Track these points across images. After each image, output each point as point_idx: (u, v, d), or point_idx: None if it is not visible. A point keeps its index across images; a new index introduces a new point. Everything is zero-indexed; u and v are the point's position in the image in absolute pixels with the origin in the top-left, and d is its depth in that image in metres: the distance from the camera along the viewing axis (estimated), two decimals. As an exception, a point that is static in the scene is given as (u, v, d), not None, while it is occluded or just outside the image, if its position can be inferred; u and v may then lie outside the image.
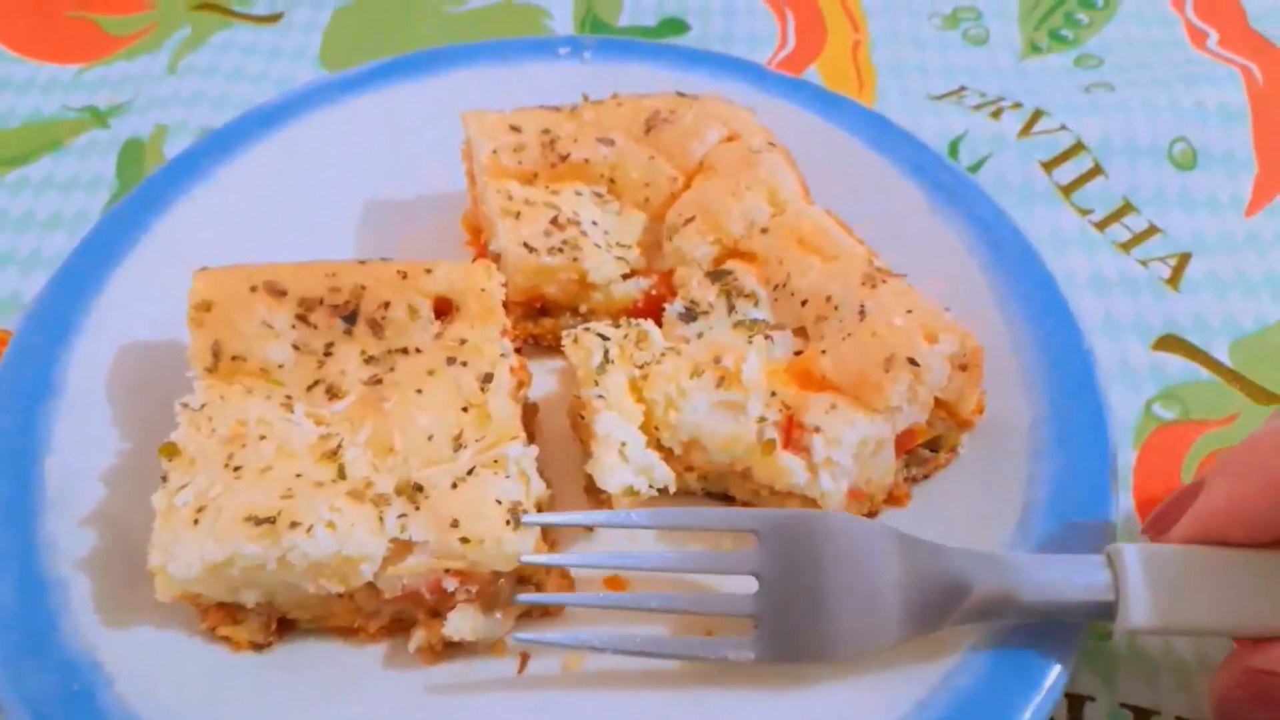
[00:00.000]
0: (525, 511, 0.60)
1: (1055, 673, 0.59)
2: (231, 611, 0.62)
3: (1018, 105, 1.02)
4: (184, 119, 1.01)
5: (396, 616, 0.63)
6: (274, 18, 1.13)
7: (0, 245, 0.92)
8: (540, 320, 0.79)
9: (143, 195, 0.83)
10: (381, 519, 0.59)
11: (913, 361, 0.65)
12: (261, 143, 0.88)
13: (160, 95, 1.03)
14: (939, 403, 0.67)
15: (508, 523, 0.59)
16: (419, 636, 0.62)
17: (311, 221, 0.85)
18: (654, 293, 0.77)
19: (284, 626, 0.64)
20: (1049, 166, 0.97)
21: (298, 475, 0.61)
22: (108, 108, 1.03)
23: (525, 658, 0.64)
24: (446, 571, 0.60)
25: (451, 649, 0.63)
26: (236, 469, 0.61)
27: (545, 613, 0.65)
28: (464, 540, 0.59)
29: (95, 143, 1.00)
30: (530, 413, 0.73)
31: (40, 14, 1.13)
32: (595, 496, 0.69)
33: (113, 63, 1.08)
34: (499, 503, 0.60)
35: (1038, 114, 1.01)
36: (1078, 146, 0.99)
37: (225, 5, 1.14)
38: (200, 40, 1.10)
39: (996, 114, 1.01)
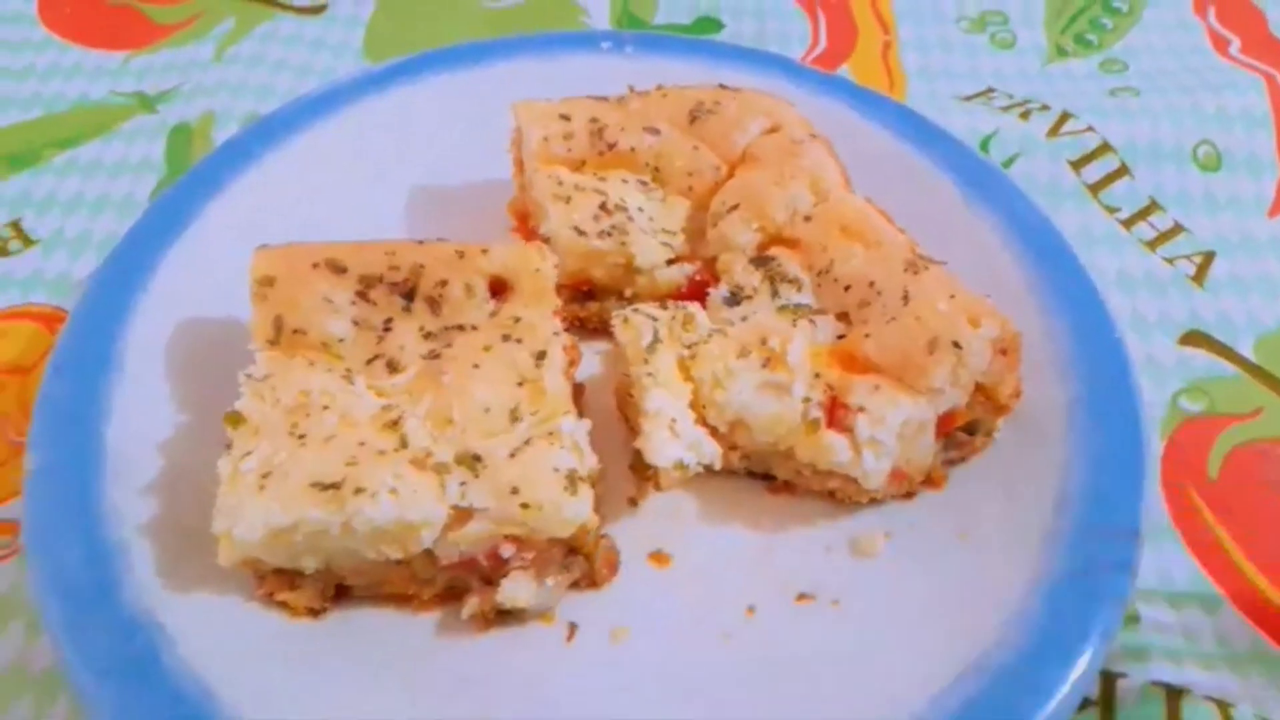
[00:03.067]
0: (581, 480, 0.62)
1: (1092, 648, 0.61)
2: (289, 578, 0.64)
3: (1045, 107, 1.05)
4: (230, 106, 1.03)
5: (450, 585, 0.65)
6: (318, 9, 1.16)
7: (50, 226, 0.93)
8: (586, 304, 0.81)
9: (196, 178, 0.85)
10: (443, 486, 0.61)
11: (956, 345, 0.67)
12: (311, 129, 0.90)
13: (207, 83, 1.06)
14: (978, 387, 0.69)
15: (565, 489, 0.61)
16: (472, 604, 0.64)
17: (359, 206, 0.87)
18: (697, 278, 0.79)
19: (339, 594, 0.66)
20: (1077, 166, 1.00)
21: (361, 444, 0.62)
22: (155, 94, 1.05)
23: (574, 627, 0.66)
24: (505, 538, 0.61)
25: (503, 617, 0.65)
26: (301, 437, 0.63)
27: (592, 583, 0.67)
28: (524, 506, 0.60)
29: (143, 128, 1.02)
30: (578, 393, 0.74)
31: (86, 1, 1.16)
32: (641, 474, 0.71)
33: (159, 51, 1.10)
34: (556, 470, 0.62)
35: (1065, 116, 1.03)
36: (1104, 147, 1.01)
37: (269, -3, 1.17)
38: (245, 31, 1.12)
39: (1025, 115, 1.04)
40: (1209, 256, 0.94)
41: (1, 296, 0.88)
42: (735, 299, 0.75)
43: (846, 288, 0.73)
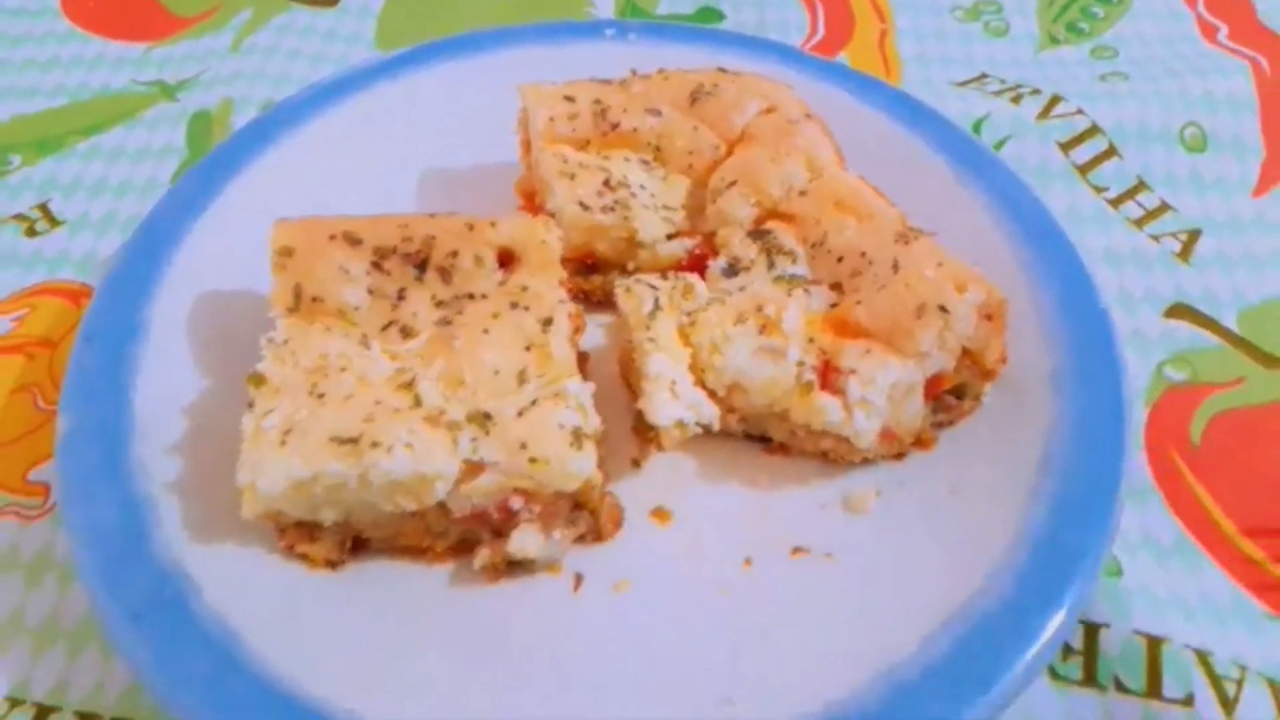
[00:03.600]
0: (586, 437, 0.66)
1: (1072, 596, 0.64)
2: (309, 530, 0.68)
3: (1036, 92, 1.08)
4: (248, 94, 1.07)
5: (462, 537, 0.69)
6: (331, 1, 1.19)
7: (76, 208, 0.97)
8: (590, 277, 0.84)
9: (217, 159, 0.88)
10: (455, 442, 0.65)
11: (943, 309, 0.70)
12: (326, 113, 0.94)
13: (225, 72, 1.09)
14: (965, 351, 0.72)
15: (571, 445, 0.64)
16: (484, 555, 0.67)
17: (372, 186, 0.90)
18: (697, 252, 0.83)
19: (357, 546, 0.69)
20: (1066, 148, 1.03)
21: (377, 402, 0.66)
22: (175, 82, 1.09)
23: (580, 578, 0.69)
24: (514, 491, 0.65)
25: (512, 568, 0.68)
26: (320, 396, 0.66)
27: (597, 537, 0.70)
28: (532, 460, 0.64)
29: (164, 115, 1.06)
30: (582, 361, 0.78)
31: (108, -6, 1.20)
32: (643, 435, 0.75)
33: (179, 41, 1.14)
34: (562, 427, 0.65)
35: (1055, 99, 1.06)
36: (1093, 129, 1.04)
37: (284, -11, 1.21)
38: (261, 22, 1.16)
39: (1016, 99, 1.07)
40: (1195, 234, 0.97)
41: (31, 274, 0.92)
42: (733, 270, 0.78)
43: (839, 259, 0.76)
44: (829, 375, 0.71)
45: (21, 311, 0.89)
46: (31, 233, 0.95)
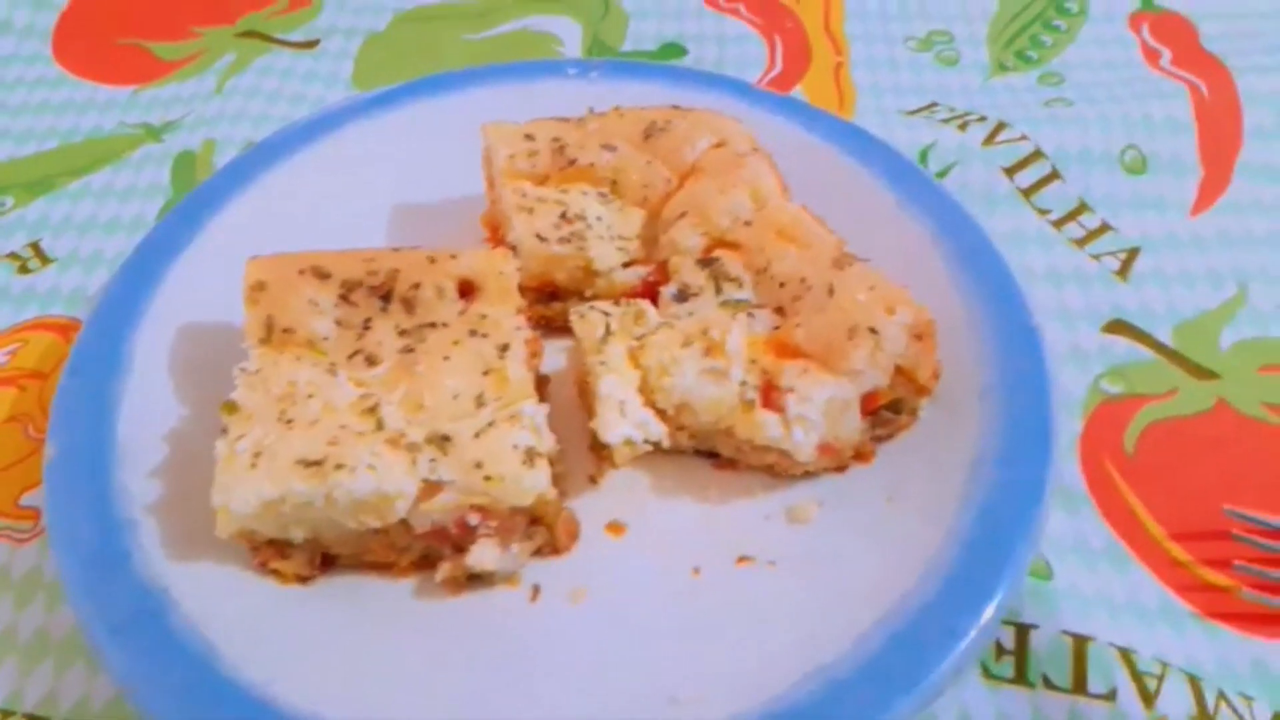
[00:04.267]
0: (539, 455, 0.70)
1: (999, 594, 0.68)
2: (280, 548, 0.72)
3: (983, 119, 1.13)
4: (230, 134, 1.12)
5: (424, 553, 0.73)
6: (310, 44, 1.25)
7: (66, 246, 1.02)
8: (551, 304, 0.89)
9: (197, 198, 0.93)
10: (414, 463, 0.69)
11: (873, 330, 0.74)
12: (301, 153, 0.98)
13: (208, 114, 1.15)
14: (899, 369, 0.77)
15: (524, 463, 0.69)
16: (445, 569, 0.71)
17: (347, 221, 0.95)
18: (651, 279, 0.87)
19: (326, 563, 0.74)
20: (1010, 172, 1.07)
21: (341, 427, 0.70)
22: (161, 124, 1.14)
23: (537, 589, 0.73)
24: (471, 507, 0.69)
25: (472, 580, 0.72)
26: (288, 422, 0.71)
27: (554, 550, 0.75)
28: (487, 479, 0.68)
29: (150, 155, 1.11)
30: (542, 384, 0.82)
31: (96, 40, 1.25)
32: (598, 453, 0.79)
33: (165, 85, 1.20)
34: (516, 447, 0.70)
35: (1000, 125, 1.11)
36: (1037, 154, 1.09)
37: (266, 33, 1.26)
38: (244, 64, 1.21)
39: (963, 126, 1.12)
40: (1134, 252, 1.02)
41: (24, 310, 0.96)
42: (683, 296, 0.83)
43: (781, 284, 0.81)
44: (770, 394, 0.76)
45: (14, 346, 0.94)
46: (24, 270, 1.00)
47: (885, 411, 0.79)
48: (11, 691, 0.72)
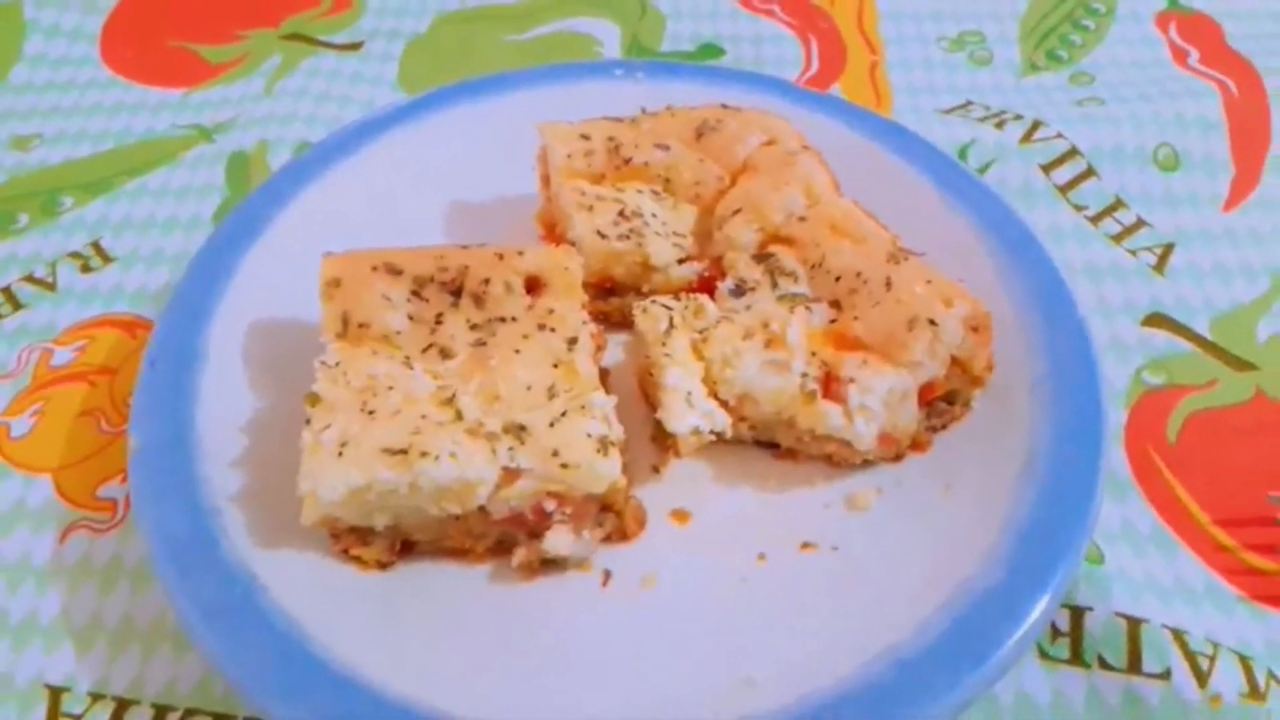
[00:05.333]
0: (611, 444, 0.72)
1: (1057, 580, 0.70)
2: (362, 535, 0.74)
3: (1019, 117, 1.15)
4: (282, 135, 1.14)
5: (500, 539, 0.75)
6: (354, 46, 1.27)
7: (126, 245, 1.04)
8: (609, 300, 0.91)
9: (262, 196, 0.95)
10: (494, 451, 0.71)
11: (932, 322, 0.77)
12: (358, 153, 1.01)
13: (259, 115, 1.17)
14: (954, 360, 0.79)
15: (598, 451, 0.71)
16: (520, 554, 0.74)
17: (405, 219, 0.97)
18: (705, 275, 0.90)
19: (405, 549, 0.76)
20: (1047, 169, 1.10)
21: (422, 417, 0.73)
22: (213, 125, 1.16)
23: (608, 574, 0.76)
24: (548, 494, 0.72)
25: (546, 566, 0.75)
26: (370, 413, 0.73)
27: (623, 537, 0.77)
28: (564, 466, 0.71)
29: (203, 156, 1.13)
30: (603, 377, 0.84)
31: (145, 45, 1.28)
32: (661, 444, 0.82)
33: (213, 87, 1.22)
34: (589, 436, 0.72)
35: (1036, 124, 1.14)
36: (1072, 152, 1.11)
37: (311, 35, 1.28)
38: (290, 67, 1.24)
39: (1000, 125, 1.14)
40: (1169, 248, 1.04)
41: (88, 308, 0.99)
42: (740, 291, 0.85)
43: (837, 278, 0.83)
44: (830, 385, 0.78)
45: (81, 342, 0.96)
46: (86, 269, 1.02)
47: (940, 403, 0.82)
48: (100, 676, 0.74)
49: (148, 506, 0.74)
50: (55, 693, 0.73)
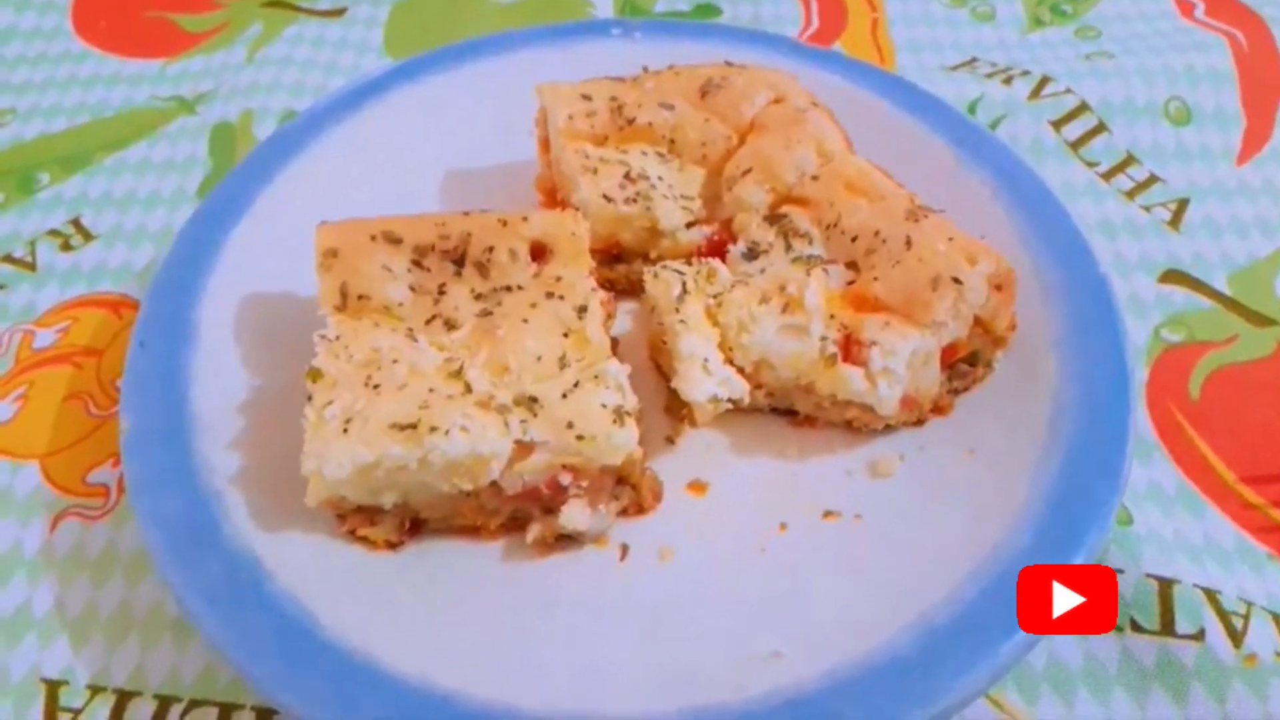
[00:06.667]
0: (627, 414, 0.70)
1: (1088, 543, 0.68)
2: (369, 514, 0.71)
3: (1026, 73, 1.12)
4: (266, 104, 1.10)
5: (513, 515, 0.72)
6: (337, 12, 1.23)
7: (108, 221, 1.00)
8: (615, 267, 0.88)
9: (248, 168, 0.92)
10: (506, 424, 0.68)
11: (956, 280, 0.74)
12: (347, 121, 0.97)
13: (241, 84, 1.12)
14: (977, 320, 0.77)
15: (614, 422, 0.68)
16: (535, 530, 0.71)
17: (398, 187, 0.94)
18: (715, 238, 0.87)
19: (414, 528, 0.73)
20: (1057, 125, 1.07)
21: (430, 390, 0.70)
22: (194, 96, 1.12)
23: (625, 549, 0.73)
24: (563, 467, 0.69)
25: (562, 541, 0.72)
26: (375, 387, 0.70)
27: (639, 510, 0.75)
28: (579, 438, 0.68)
29: (185, 128, 1.09)
30: (612, 347, 0.81)
31: (120, 14, 1.23)
32: (676, 414, 0.79)
33: (193, 57, 1.17)
34: (605, 407, 0.69)
35: (1045, 80, 1.11)
36: (1082, 107, 1.08)
37: (292, 2, 1.24)
38: (273, 35, 1.19)
39: (1007, 80, 1.11)
40: (1183, 203, 1.02)
41: (70, 288, 0.95)
42: (753, 254, 0.82)
43: (854, 238, 0.80)
44: (851, 348, 0.75)
45: (64, 323, 0.92)
46: (67, 247, 0.98)
47: (962, 364, 0.79)
48: (99, 668, 0.71)
49: (144, 491, 0.71)
50: (53, 686, 0.70)
